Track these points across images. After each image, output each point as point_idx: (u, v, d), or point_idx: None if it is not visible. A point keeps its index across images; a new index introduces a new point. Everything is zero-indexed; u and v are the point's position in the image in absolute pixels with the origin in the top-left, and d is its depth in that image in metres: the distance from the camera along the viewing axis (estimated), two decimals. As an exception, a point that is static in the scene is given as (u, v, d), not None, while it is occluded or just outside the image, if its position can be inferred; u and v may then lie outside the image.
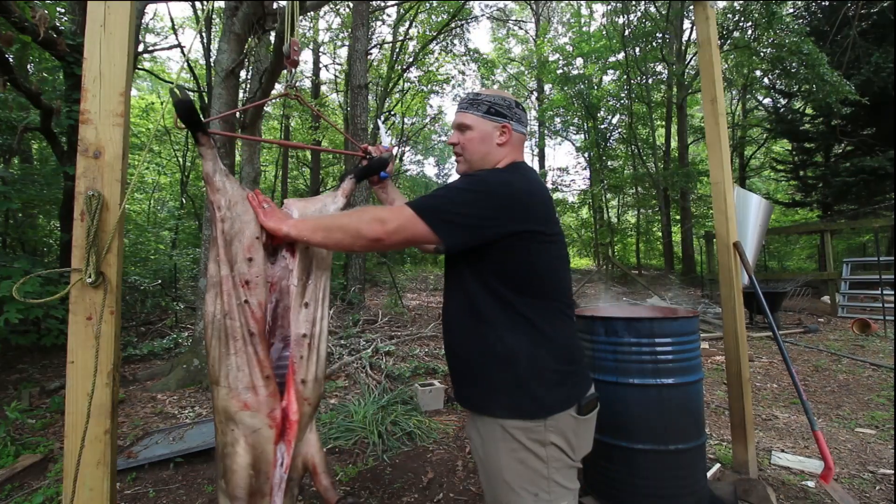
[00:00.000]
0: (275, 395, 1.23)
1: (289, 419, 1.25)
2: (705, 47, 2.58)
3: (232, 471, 1.18)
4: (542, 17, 21.37)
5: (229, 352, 1.20)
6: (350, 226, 1.14)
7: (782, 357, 2.56)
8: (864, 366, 4.89)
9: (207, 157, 1.26)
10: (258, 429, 1.21)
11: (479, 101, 1.30)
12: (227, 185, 1.27)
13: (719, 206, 2.56)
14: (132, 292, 7.08)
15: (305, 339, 1.31)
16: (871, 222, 8.71)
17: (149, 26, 12.81)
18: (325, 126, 13.87)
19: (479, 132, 1.28)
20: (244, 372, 1.20)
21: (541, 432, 1.14)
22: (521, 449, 1.14)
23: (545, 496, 1.14)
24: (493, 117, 1.28)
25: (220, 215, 1.26)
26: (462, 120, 1.30)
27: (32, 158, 7.54)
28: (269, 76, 4.48)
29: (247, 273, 1.24)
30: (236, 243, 1.25)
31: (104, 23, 1.11)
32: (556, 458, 1.16)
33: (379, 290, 11.95)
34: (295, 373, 1.28)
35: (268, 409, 1.22)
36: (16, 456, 2.93)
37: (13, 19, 4.17)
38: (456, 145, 1.32)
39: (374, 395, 3.81)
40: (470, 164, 1.31)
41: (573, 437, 1.18)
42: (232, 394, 1.19)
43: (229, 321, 1.21)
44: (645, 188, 17.95)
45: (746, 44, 11.29)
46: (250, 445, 1.20)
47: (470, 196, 1.13)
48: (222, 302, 1.22)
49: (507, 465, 1.15)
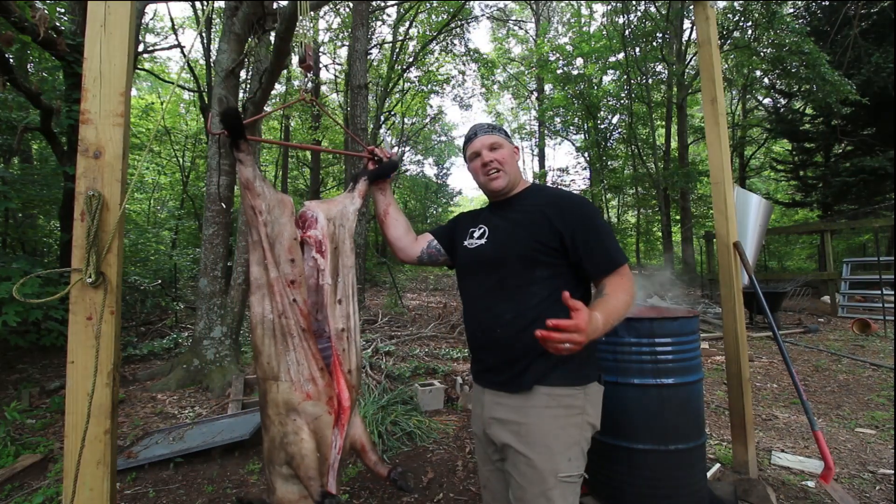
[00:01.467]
0: (330, 384, 1.34)
1: (342, 405, 1.37)
2: (705, 47, 2.58)
3: (302, 455, 1.28)
4: (542, 17, 21.36)
5: (288, 348, 1.30)
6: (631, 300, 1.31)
7: (782, 357, 2.56)
8: (864, 366, 4.89)
9: (247, 164, 1.31)
10: (320, 416, 1.32)
11: (496, 126, 1.55)
12: (265, 190, 1.33)
13: (719, 206, 2.56)
14: (132, 292, 7.09)
15: (344, 332, 1.41)
16: (871, 222, 8.72)
17: (149, 26, 12.81)
18: (325, 126, 13.87)
19: (508, 151, 1.51)
20: (304, 365, 1.30)
21: (581, 398, 1.33)
22: (563, 416, 1.31)
23: (577, 463, 1.31)
24: (509, 140, 1.54)
25: (262, 219, 1.31)
26: (492, 140, 1.50)
27: (32, 158, 7.54)
28: (269, 76, 4.48)
29: (290, 273, 1.31)
30: (278, 245, 1.32)
31: (104, 23, 1.10)
32: (587, 427, 1.34)
33: (379, 290, 11.95)
34: (341, 364, 1.38)
35: (326, 398, 1.33)
36: (16, 456, 2.93)
37: (13, 19, 4.17)
38: (493, 161, 1.48)
39: (374, 395, 3.81)
40: (510, 176, 1.49)
41: (598, 407, 1.39)
42: (295, 386, 1.30)
43: (285, 320, 1.29)
44: (645, 188, 17.95)
45: (746, 44, 11.29)
46: (313, 431, 1.31)
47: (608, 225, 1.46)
48: (275, 302, 1.29)
49: (550, 430, 1.30)
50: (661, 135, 16.91)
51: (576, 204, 1.42)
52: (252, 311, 1.31)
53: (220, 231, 4.66)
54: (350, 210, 1.53)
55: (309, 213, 1.47)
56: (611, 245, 1.35)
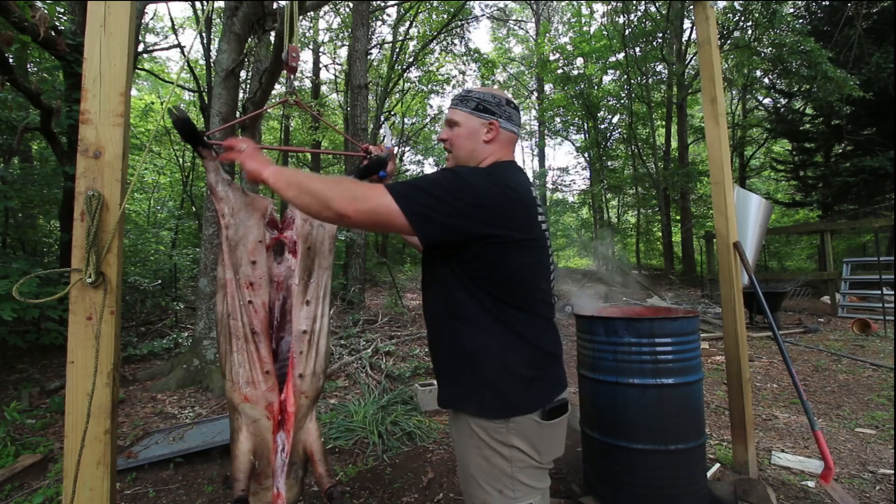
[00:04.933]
0: (273, 389, 1.33)
1: (287, 411, 1.35)
2: (705, 47, 2.58)
3: (234, 455, 1.29)
4: (543, 17, 21.36)
5: (232, 349, 1.31)
6: (321, 193, 1.06)
7: (782, 357, 2.56)
8: (864, 366, 4.89)
9: (210, 169, 1.33)
10: (258, 419, 1.32)
11: (468, 97, 1.30)
12: (229, 194, 1.35)
13: (719, 206, 2.56)
14: (132, 292, 7.08)
15: (305, 335, 1.38)
16: (871, 222, 8.71)
17: (149, 26, 12.80)
18: (325, 126, 13.86)
19: (466, 128, 1.29)
20: (245, 368, 1.31)
21: (503, 433, 1.16)
22: (486, 447, 1.17)
23: (510, 493, 1.17)
24: (481, 114, 1.28)
25: (225, 222, 1.34)
26: (451, 116, 1.31)
27: (32, 158, 7.53)
28: (269, 76, 4.48)
29: (251, 275, 1.32)
30: (241, 248, 1.33)
31: (104, 23, 1.10)
32: (520, 459, 1.17)
33: (379, 290, 11.95)
34: (294, 367, 1.36)
35: (266, 402, 1.32)
36: (16, 456, 2.93)
37: (13, 19, 4.17)
38: (445, 141, 1.33)
39: (374, 395, 3.80)
40: (457, 160, 1.31)
41: (537, 441, 1.19)
42: (234, 387, 1.31)
43: (232, 321, 1.30)
44: (645, 188, 17.95)
45: (746, 44, 11.29)
46: (251, 434, 1.32)
47: (447, 192, 1.09)
48: (226, 303, 1.32)
49: (474, 461, 1.19)
50: (661, 135, 16.91)
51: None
52: (216, 309, 1.35)
53: (219, 231, 4.65)
54: None
55: (288, 213, 1.48)
56: (412, 184, 1.10)
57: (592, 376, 2.20)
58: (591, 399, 2.24)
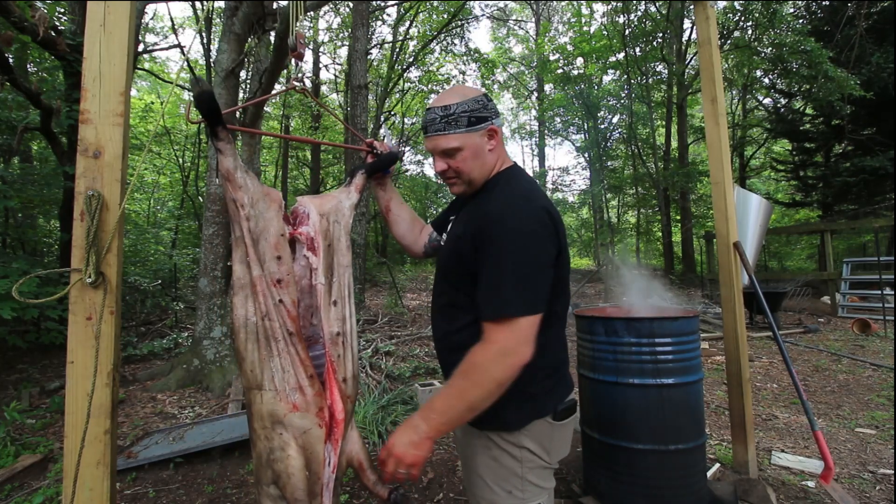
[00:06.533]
0: (320, 393, 1.21)
1: (335, 418, 1.24)
2: (705, 47, 2.58)
3: (288, 475, 1.15)
4: (543, 17, 21.38)
5: (272, 354, 1.16)
6: (485, 383, 1.03)
7: (782, 357, 2.56)
8: (864, 366, 4.89)
9: (227, 153, 1.19)
10: (308, 429, 1.18)
11: (454, 116, 1.16)
12: (248, 182, 1.20)
13: (719, 206, 2.56)
14: (132, 292, 7.09)
15: (339, 337, 1.28)
16: (871, 222, 8.71)
17: (149, 26, 12.80)
18: (326, 126, 13.86)
19: (470, 150, 1.18)
20: (290, 373, 1.16)
21: (515, 436, 1.17)
22: (495, 447, 1.18)
23: (519, 494, 1.17)
24: (476, 126, 1.17)
25: (245, 213, 1.19)
26: (446, 144, 1.18)
27: (32, 158, 7.53)
28: (269, 76, 4.48)
29: (277, 271, 1.19)
30: (262, 241, 1.19)
31: (104, 23, 1.10)
32: (530, 460, 1.18)
33: (379, 290, 11.95)
34: (335, 371, 1.25)
35: (316, 409, 1.19)
36: (16, 456, 2.93)
37: (13, 19, 4.17)
38: (446, 171, 1.22)
39: (374, 395, 3.80)
40: (469, 183, 1.22)
41: (548, 441, 1.20)
42: (280, 396, 1.16)
43: (268, 322, 1.16)
44: (645, 188, 17.94)
45: (746, 44, 11.29)
46: (301, 447, 1.17)
47: (530, 262, 1.06)
48: (258, 303, 1.17)
49: (482, 462, 1.20)
50: (661, 135, 16.90)
51: (494, 219, 1.09)
52: (234, 314, 1.18)
53: (219, 231, 4.66)
54: (346, 205, 1.41)
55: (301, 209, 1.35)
56: (507, 282, 1.03)
57: (592, 376, 2.20)
58: (591, 399, 2.24)
